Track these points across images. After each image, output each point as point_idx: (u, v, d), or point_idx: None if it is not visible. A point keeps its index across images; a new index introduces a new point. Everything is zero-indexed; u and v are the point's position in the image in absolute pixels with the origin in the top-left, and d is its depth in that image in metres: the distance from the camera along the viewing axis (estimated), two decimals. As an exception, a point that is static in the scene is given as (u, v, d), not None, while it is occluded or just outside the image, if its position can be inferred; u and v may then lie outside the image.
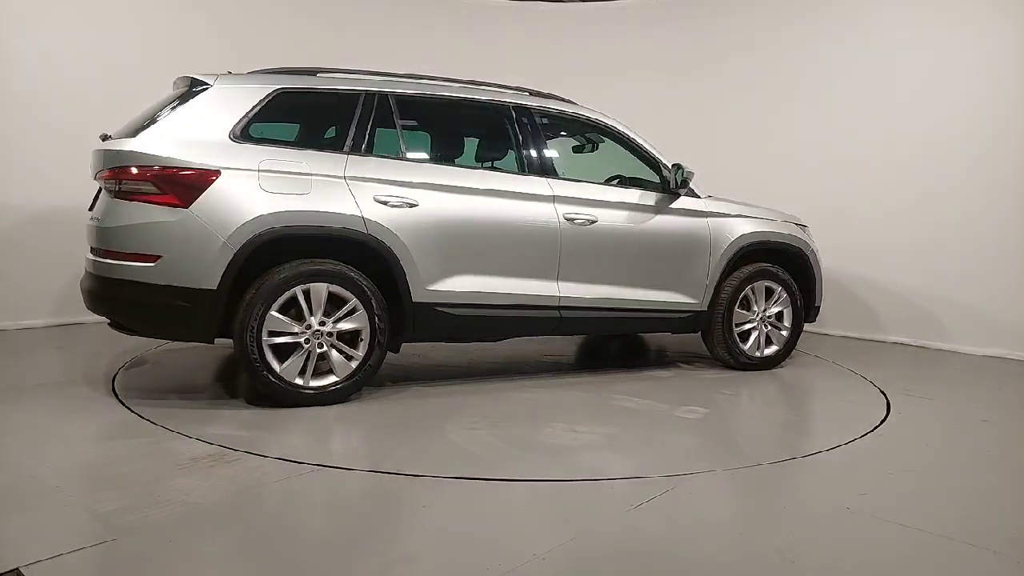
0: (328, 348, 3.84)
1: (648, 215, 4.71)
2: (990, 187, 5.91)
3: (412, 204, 4.02)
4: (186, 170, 3.61)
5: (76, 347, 5.25)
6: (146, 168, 3.60)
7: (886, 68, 6.41)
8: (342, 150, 3.99)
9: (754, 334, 5.05)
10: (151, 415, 3.59)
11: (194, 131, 3.73)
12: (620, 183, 4.86)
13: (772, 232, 5.13)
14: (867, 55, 6.51)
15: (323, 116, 4.31)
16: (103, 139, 3.93)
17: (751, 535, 2.56)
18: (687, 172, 4.72)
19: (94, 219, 3.86)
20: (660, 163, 4.82)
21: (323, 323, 3.81)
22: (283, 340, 3.74)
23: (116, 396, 3.94)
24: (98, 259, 3.76)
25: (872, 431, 3.79)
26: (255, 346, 3.67)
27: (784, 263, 5.20)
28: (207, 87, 3.86)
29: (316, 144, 4.14)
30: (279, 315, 3.72)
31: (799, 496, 3.02)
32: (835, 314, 6.48)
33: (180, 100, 3.86)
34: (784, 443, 3.69)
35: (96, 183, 3.92)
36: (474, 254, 4.19)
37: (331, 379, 3.87)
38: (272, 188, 3.73)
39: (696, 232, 4.83)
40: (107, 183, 3.73)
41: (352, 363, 3.90)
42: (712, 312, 4.92)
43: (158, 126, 3.72)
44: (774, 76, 7.04)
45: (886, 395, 4.55)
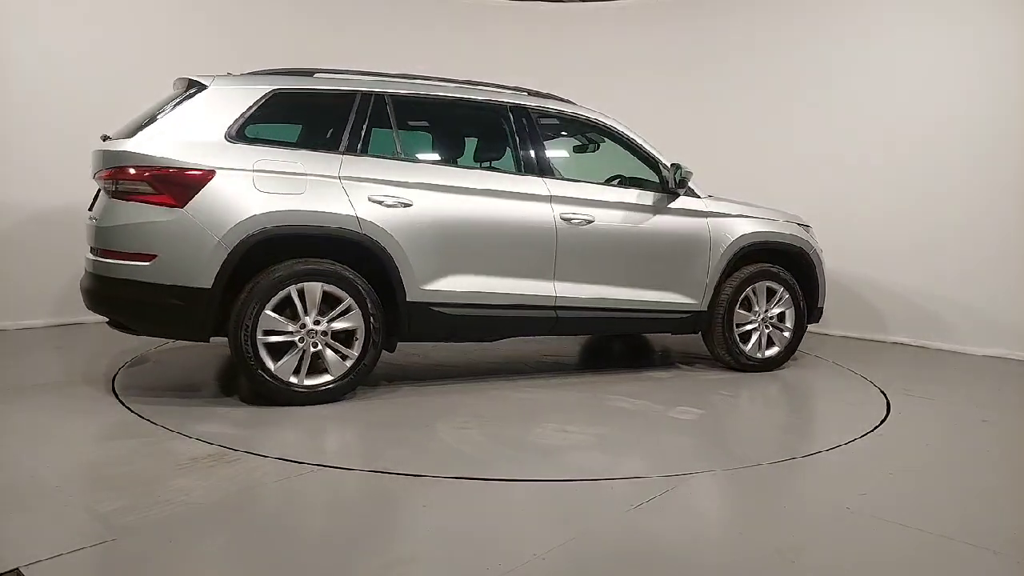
0: (323, 347, 3.85)
1: (646, 215, 4.69)
2: (990, 187, 5.91)
3: (407, 204, 4.02)
4: (181, 170, 3.63)
5: (76, 347, 5.25)
6: (142, 168, 3.63)
7: (887, 68, 6.41)
8: (337, 150, 4.00)
9: (755, 335, 5.02)
10: (151, 415, 3.59)
11: (190, 131, 3.75)
12: (620, 183, 4.85)
13: (773, 232, 5.09)
14: (868, 55, 6.51)
15: (319, 116, 4.31)
16: (103, 140, 3.95)
17: (751, 535, 2.55)
18: (685, 172, 4.70)
19: (93, 219, 3.89)
20: (659, 163, 4.80)
21: (318, 322, 3.82)
22: (278, 339, 3.76)
23: (116, 396, 3.94)
24: (96, 258, 3.79)
25: (872, 431, 3.79)
26: (250, 345, 3.69)
27: (786, 263, 5.16)
28: (204, 88, 3.88)
29: (312, 144, 4.14)
30: (274, 314, 3.74)
31: (799, 496, 3.02)
32: (835, 314, 6.47)
33: (177, 101, 3.88)
34: (782, 443, 3.69)
35: (96, 183, 3.94)
36: (469, 254, 4.19)
37: (326, 378, 3.88)
38: (267, 188, 3.74)
39: (695, 232, 4.81)
40: (105, 183, 3.76)
41: (347, 362, 3.91)
42: (712, 313, 4.89)
43: (155, 127, 3.75)
44: (774, 76, 7.04)
45: (886, 395, 4.54)
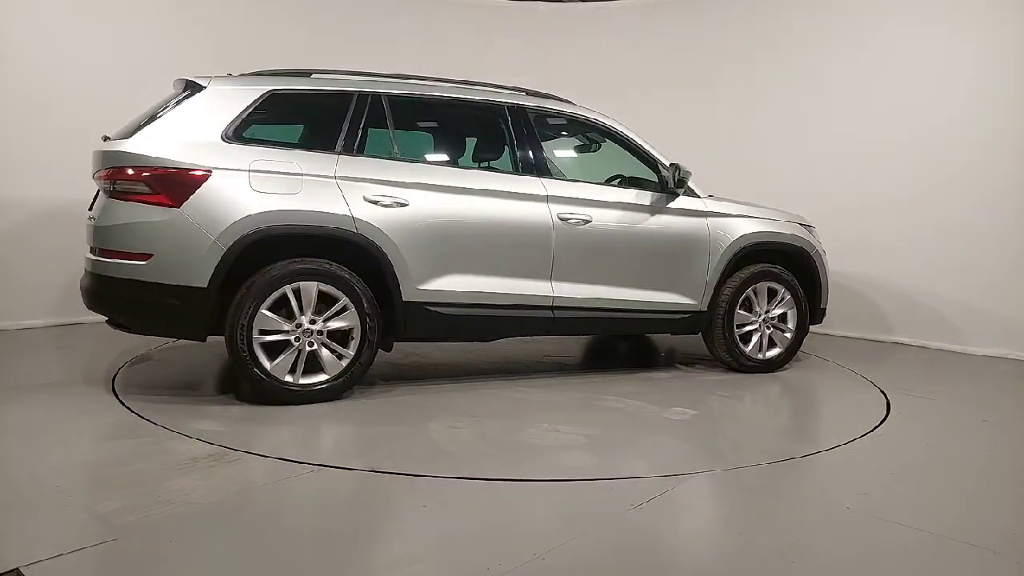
0: (319, 347, 3.86)
1: (644, 215, 4.68)
2: (990, 188, 5.90)
3: (403, 204, 4.02)
4: (177, 170, 3.66)
5: (76, 347, 5.25)
6: (139, 168, 3.66)
7: (888, 68, 6.40)
8: (333, 150, 4.01)
9: (756, 336, 4.99)
10: (151, 415, 3.59)
11: (187, 132, 3.78)
12: (621, 183, 4.84)
13: (774, 232, 5.05)
14: (869, 55, 6.50)
15: (315, 117, 4.33)
16: (104, 140, 3.96)
17: (751, 535, 2.55)
18: (684, 171, 4.68)
19: (92, 218, 3.91)
20: (658, 163, 4.79)
21: (313, 321, 3.83)
22: (273, 338, 3.77)
23: (116, 396, 3.94)
24: (95, 258, 3.82)
25: (872, 431, 3.79)
26: (245, 344, 3.70)
27: (788, 264, 5.13)
28: (201, 89, 3.91)
29: (308, 144, 4.16)
30: (269, 313, 3.76)
31: (799, 496, 3.02)
32: (835, 314, 6.46)
33: (176, 101, 3.91)
34: (775, 445, 3.66)
35: (96, 183, 3.96)
36: (465, 254, 4.19)
37: (322, 377, 3.89)
38: (262, 188, 3.76)
39: (694, 232, 4.79)
40: (104, 183, 3.80)
41: (343, 362, 3.92)
42: (712, 313, 4.87)
43: (152, 127, 3.78)
44: (777, 76, 7.04)
45: (886, 395, 4.54)
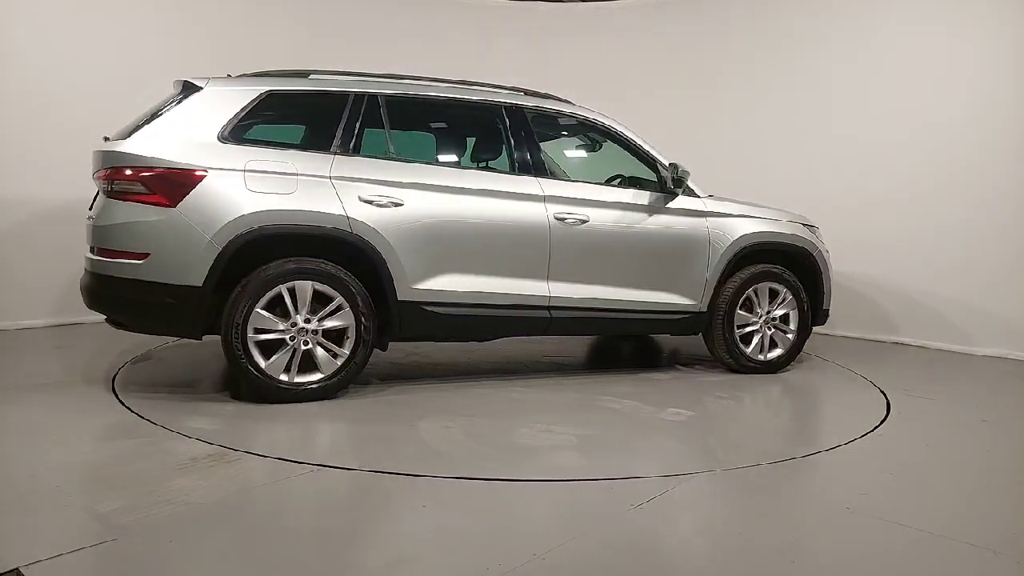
0: (314, 345, 3.87)
1: (642, 214, 4.66)
2: (990, 188, 5.90)
3: (398, 203, 4.03)
4: (173, 170, 3.69)
5: (76, 347, 5.25)
6: (137, 168, 3.69)
7: (889, 68, 6.40)
8: (329, 150, 4.02)
9: (757, 336, 4.96)
10: (151, 414, 3.59)
11: (184, 132, 3.81)
12: (621, 183, 4.84)
13: (775, 232, 5.01)
14: (870, 55, 6.50)
15: (312, 117, 4.35)
16: (105, 140, 3.97)
17: (751, 535, 2.55)
18: (683, 171, 4.66)
19: (91, 218, 3.93)
20: (657, 162, 4.77)
21: (308, 320, 3.85)
22: (269, 337, 3.79)
23: (116, 396, 3.94)
24: (94, 257, 3.85)
25: (872, 431, 3.79)
26: (240, 343, 3.72)
27: (790, 264, 5.09)
28: (199, 89, 3.93)
29: (304, 144, 4.18)
30: (265, 312, 3.78)
31: (799, 496, 3.02)
32: (835, 314, 6.44)
33: (174, 102, 3.93)
34: (769, 446, 3.66)
35: (96, 183, 3.97)
36: (461, 253, 4.19)
37: (316, 376, 3.90)
38: (257, 188, 3.78)
39: (693, 232, 4.76)
40: (102, 183, 3.82)
41: (338, 360, 3.93)
42: (712, 314, 4.85)
43: (150, 127, 3.81)
44: (777, 76, 7.03)
45: (886, 395, 4.54)
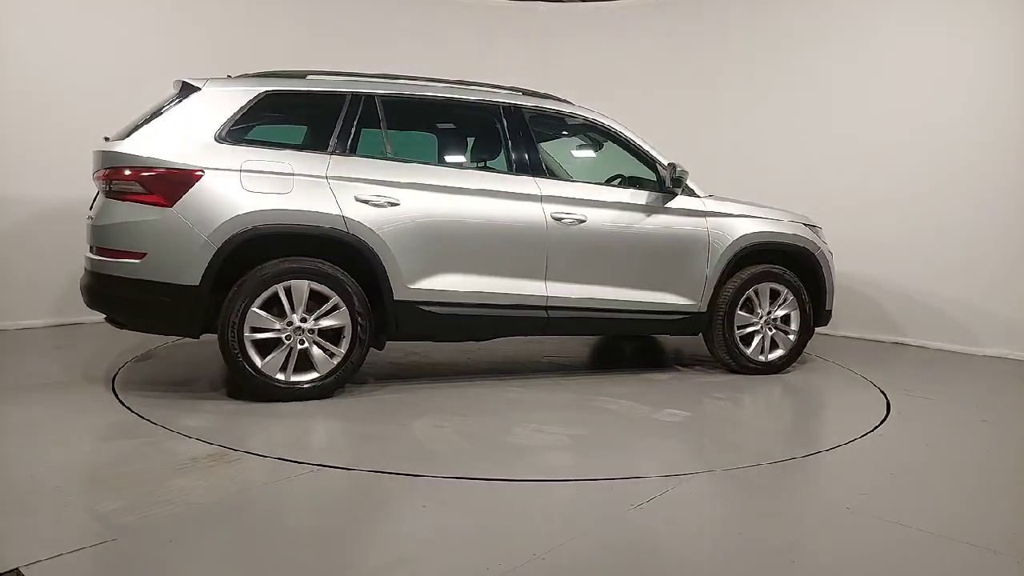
0: (310, 345, 3.88)
1: (641, 214, 4.64)
2: (991, 188, 5.90)
3: (394, 203, 4.03)
4: (170, 170, 3.70)
5: (76, 347, 5.25)
6: (135, 169, 3.71)
7: (890, 68, 6.40)
8: (326, 150, 4.03)
9: (757, 337, 4.93)
10: (151, 414, 3.60)
11: (182, 133, 3.83)
12: (621, 183, 4.83)
13: (775, 232, 4.98)
14: (870, 55, 6.50)
15: (309, 117, 4.36)
16: (106, 141, 3.98)
17: (751, 535, 2.55)
18: (681, 171, 4.64)
19: (90, 218, 3.95)
20: (656, 162, 4.76)
21: (304, 320, 3.86)
22: (265, 336, 3.80)
23: (116, 395, 3.95)
24: (94, 257, 3.87)
25: (872, 431, 3.79)
26: (237, 341, 3.73)
27: (791, 265, 5.05)
28: (197, 90, 3.94)
29: (300, 144, 4.19)
30: (261, 312, 3.79)
31: (799, 496, 3.02)
32: (836, 314, 6.42)
33: (172, 102, 3.95)
34: (767, 446, 3.65)
35: (95, 183, 3.97)
36: (457, 253, 4.19)
37: (312, 375, 3.91)
38: (254, 188, 3.79)
39: (692, 232, 4.74)
40: (102, 183, 3.84)
41: (334, 360, 3.94)
42: (712, 314, 4.83)
43: (148, 128, 3.83)
44: (777, 76, 7.03)
45: (886, 395, 4.54)
